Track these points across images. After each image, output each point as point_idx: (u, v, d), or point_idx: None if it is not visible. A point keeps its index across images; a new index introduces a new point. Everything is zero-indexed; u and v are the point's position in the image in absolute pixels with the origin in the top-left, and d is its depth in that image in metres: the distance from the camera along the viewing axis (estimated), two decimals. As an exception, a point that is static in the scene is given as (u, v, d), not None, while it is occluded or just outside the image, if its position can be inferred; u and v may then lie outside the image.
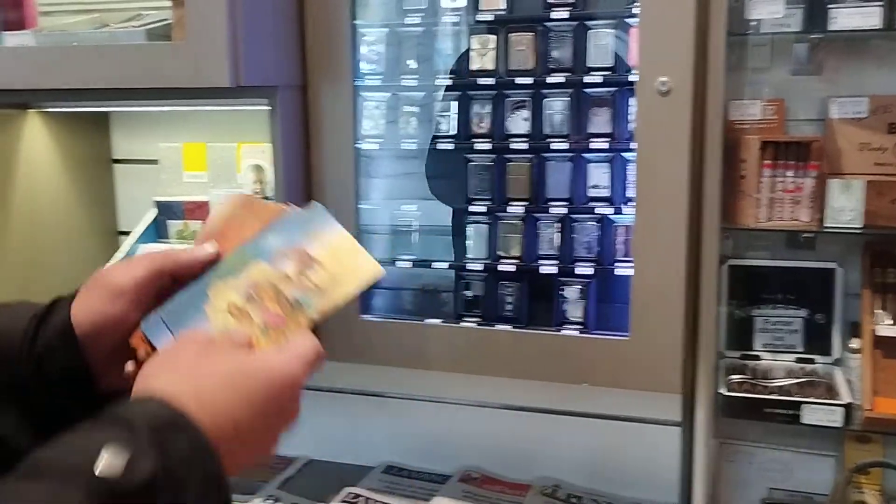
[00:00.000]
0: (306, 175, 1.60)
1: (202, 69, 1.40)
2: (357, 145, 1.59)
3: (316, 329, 0.77)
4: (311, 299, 0.75)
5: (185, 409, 0.56)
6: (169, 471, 0.52)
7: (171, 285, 0.78)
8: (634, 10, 1.40)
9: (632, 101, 1.43)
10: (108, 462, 0.50)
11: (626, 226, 1.50)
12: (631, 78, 1.43)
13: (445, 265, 1.64)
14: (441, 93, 1.60)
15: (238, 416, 0.60)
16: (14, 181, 1.76)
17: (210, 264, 0.79)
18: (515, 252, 1.59)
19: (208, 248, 0.79)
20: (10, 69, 1.55)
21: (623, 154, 1.50)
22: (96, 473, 0.49)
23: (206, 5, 1.38)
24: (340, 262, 0.77)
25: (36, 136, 1.80)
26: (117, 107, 1.86)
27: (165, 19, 1.56)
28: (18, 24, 1.66)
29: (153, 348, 0.74)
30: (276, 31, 1.50)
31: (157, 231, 1.87)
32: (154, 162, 1.91)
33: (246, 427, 0.60)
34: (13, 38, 1.61)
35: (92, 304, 0.75)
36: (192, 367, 0.62)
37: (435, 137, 1.60)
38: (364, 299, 1.63)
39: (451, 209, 1.64)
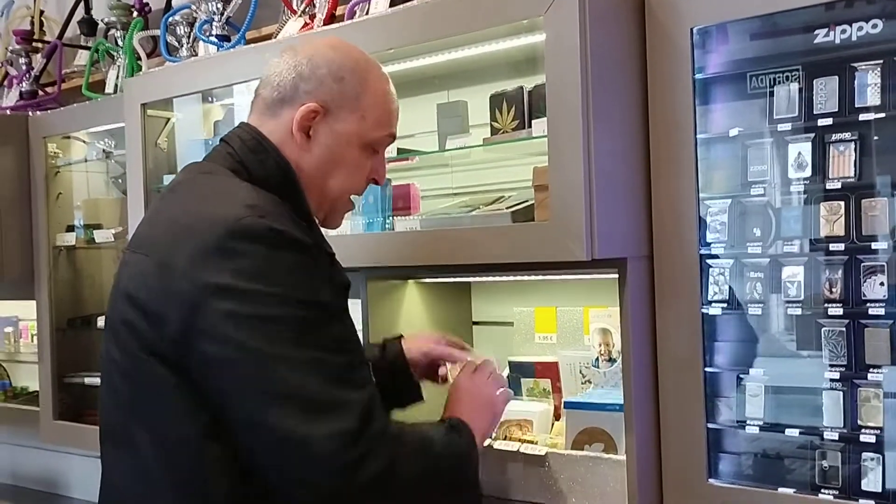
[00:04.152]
0: (652, 338, 1.68)
1: (561, 246, 1.57)
2: (703, 310, 1.65)
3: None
4: None
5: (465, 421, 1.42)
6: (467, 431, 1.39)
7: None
8: None
9: None
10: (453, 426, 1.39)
11: None
12: None
13: (796, 432, 1.60)
14: (788, 259, 1.62)
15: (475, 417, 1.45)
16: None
17: None
18: (877, 422, 1.51)
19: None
20: (399, 249, 1.85)
21: None
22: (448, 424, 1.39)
23: (567, 188, 1.56)
24: None
25: (413, 302, 2.09)
26: (479, 277, 2.11)
27: (527, 201, 1.78)
28: (405, 211, 1.99)
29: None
30: (627, 207, 1.64)
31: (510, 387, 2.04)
32: (509, 324, 2.12)
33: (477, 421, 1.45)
34: (401, 223, 1.92)
35: (409, 347, 1.67)
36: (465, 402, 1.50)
37: (783, 302, 1.61)
38: (711, 463, 1.64)
39: (800, 374, 1.62)
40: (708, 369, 1.65)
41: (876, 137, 1.52)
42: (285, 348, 1.15)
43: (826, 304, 1.56)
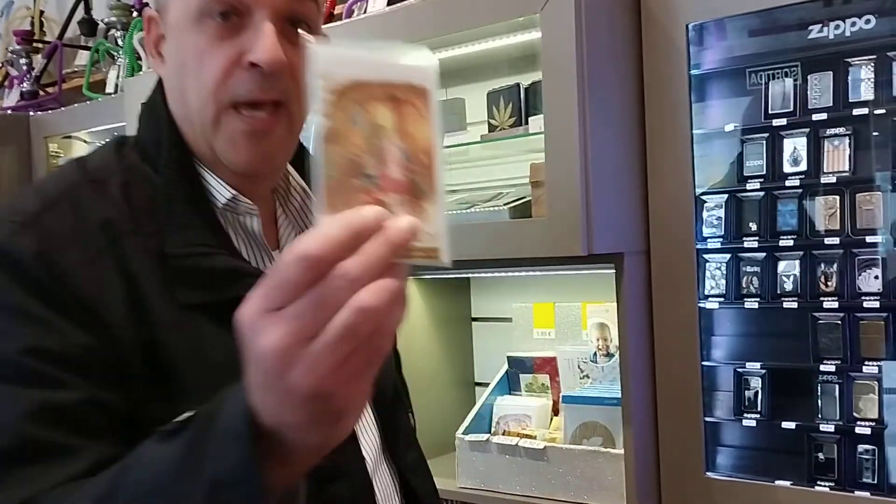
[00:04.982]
0: (650, 332, 1.69)
1: (558, 241, 1.58)
2: (700, 305, 1.66)
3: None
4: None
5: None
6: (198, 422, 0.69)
7: None
8: None
9: None
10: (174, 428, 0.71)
11: None
12: None
13: (793, 425, 1.61)
14: (783, 253, 1.63)
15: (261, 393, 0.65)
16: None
17: None
18: (872, 414, 1.52)
19: None
20: (398, 245, 1.86)
21: None
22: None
23: (564, 184, 1.57)
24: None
25: (413, 298, 2.11)
26: (477, 273, 2.12)
27: (524, 197, 1.79)
28: (404, 208, 2.00)
29: None
30: (623, 202, 1.65)
31: (508, 383, 2.06)
32: (508, 320, 2.13)
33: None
34: (401, 220, 1.93)
35: None
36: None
37: (779, 296, 1.62)
38: (709, 456, 1.65)
39: (797, 367, 1.63)
40: (705, 363, 1.66)
41: (875, 133, 1.53)
42: None
43: (821, 298, 1.57)
